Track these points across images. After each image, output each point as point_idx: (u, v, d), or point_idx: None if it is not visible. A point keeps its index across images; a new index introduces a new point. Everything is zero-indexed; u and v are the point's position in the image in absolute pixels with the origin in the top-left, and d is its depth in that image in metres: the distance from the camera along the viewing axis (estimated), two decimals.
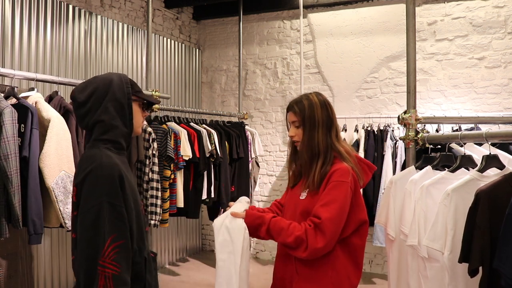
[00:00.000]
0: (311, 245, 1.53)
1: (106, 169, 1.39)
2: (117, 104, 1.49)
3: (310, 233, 1.54)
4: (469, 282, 1.61)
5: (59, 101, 2.60)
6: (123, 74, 1.57)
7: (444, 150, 2.11)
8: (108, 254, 1.32)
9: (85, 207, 1.37)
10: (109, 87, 1.49)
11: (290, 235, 1.55)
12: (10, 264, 3.07)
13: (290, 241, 1.55)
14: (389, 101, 4.73)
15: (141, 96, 1.58)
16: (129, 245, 1.39)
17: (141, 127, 1.63)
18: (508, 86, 4.25)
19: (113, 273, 1.31)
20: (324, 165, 1.65)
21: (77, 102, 1.51)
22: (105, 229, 1.33)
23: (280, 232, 1.58)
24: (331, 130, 1.70)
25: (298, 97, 1.77)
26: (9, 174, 2.14)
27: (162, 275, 4.58)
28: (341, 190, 1.58)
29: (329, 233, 1.53)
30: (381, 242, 4.07)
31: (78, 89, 1.53)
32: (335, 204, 1.56)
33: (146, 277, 1.49)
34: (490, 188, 1.52)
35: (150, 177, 3.22)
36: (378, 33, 4.75)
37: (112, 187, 1.38)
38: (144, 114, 1.63)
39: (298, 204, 1.70)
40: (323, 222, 1.53)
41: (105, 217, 1.34)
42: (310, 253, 1.54)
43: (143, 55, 4.69)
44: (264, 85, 5.40)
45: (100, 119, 1.48)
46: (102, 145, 1.48)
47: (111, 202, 1.36)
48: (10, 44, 3.30)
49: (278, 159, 5.33)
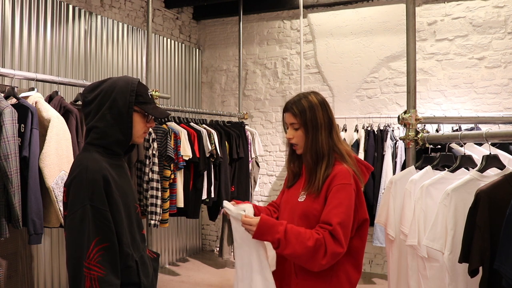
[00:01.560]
0: (330, 249, 1.48)
1: (91, 173, 1.40)
2: (117, 112, 1.48)
3: (328, 238, 1.50)
4: (469, 282, 1.61)
5: (59, 101, 2.60)
6: (135, 80, 1.54)
7: (444, 150, 2.11)
8: (93, 257, 1.33)
9: (71, 210, 1.38)
10: (112, 94, 1.48)
11: (310, 238, 1.49)
12: (10, 264, 3.07)
13: (310, 245, 1.48)
14: (389, 101, 4.73)
15: (144, 109, 1.54)
16: (115, 248, 1.39)
17: (142, 137, 1.60)
18: (508, 86, 4.25)
19: (98, 275, 1.33)
20: (327, 167, 1.62)
21: (84, 101, 1.54)
22: (89, 232, 1.34)
23: (298, 235, 1.50)
24: (332, 131, 1.68)
25: (295, 97, 1.71)
26: (9, 174, 2.13)
27: (162, 275, 4.58)
28: (346, 193, 1.56)
29: (343, 237, 1.51)
30: (381, 242, 4.07)
31: (88, 88, 1.55)
32: (342, 208, 1.54)
33: (141, 280, 1.49)
34: (490, 188, 1.52)
35: (150, 177, 3.22)
36: (378, 33, 4.75)
37: (96, 191, 1.38)
38: (148, 125, 1.59)
39: (296, 206, 1.67)
40: (335, 228, 1.50)
41: (89, 221, 1.35)
42: (329, 259, 1.49)
43: (143, 55, 4.69)
44: (264, 85, 5.40)
45: (96, 125, 1.48)
46: (94, 149, 1.49)
47: (95, 206, 1.37)
48: (10, 44, 3.30)
49: (278, 159, 5.33)
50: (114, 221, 1.41)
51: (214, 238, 5.72)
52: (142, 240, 1.59)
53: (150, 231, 3.61)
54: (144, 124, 1.57)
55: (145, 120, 1.57)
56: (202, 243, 5.76)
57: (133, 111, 1.51)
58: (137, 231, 1.56)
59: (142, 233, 1.62)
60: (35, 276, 3.42)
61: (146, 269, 1.54)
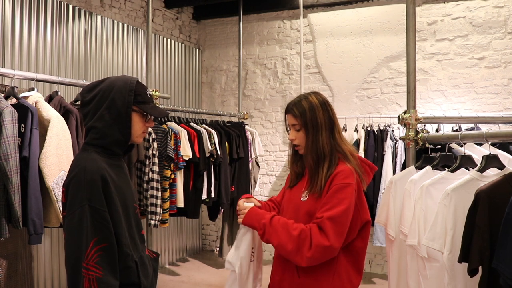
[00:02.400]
0: (315, 241, 1.48)
1: (89, 173, 1.39)
2: (115, 111, 1.47)
3: (314, 230, 1.51)
4: (468, 282, 1.61)
5: (59, 101, 2.60)
6: (133, 80, 1.53)
7: (444, 150, 2.11)
8: (92, 257, 1.33)
9: (69, 211, 1.38)
10: (110, 94, 1.47)
11: (296, 228, 1.53)
12: (10, 264, 3.07)
13: (295, 234, 1.51)
14: (389, 101, 4.73)
15: (142, 108, 1.54)
16: (113, 248, 1.39)
17: (141, 137, 1.60)
18: (508, 86, 4.25)
19: (96, 275, 1.32)
20: (329, 168, 1.62)
21: (82, 101, 1.53)
22: (88, 232, 1.34)
23: (284, 225, 1.55)
24: (333, 131, 1.67)
25: (296, 98, 1.71)
26: (9, 174, 2.13)
27: (162, 275, 4.58)
28: (346, 193, 1.55)
29: (331, 231, 1.49)
30: (381, 242, 4.07)
31: (86, 88, 1.54)
32: (340, 207, 1.52)
33: (141, 281, 1.49)
34: (490, 188, 1.52)
35: (150, 177, 3.22)
36: (378, 33, 4.75)
37: (94, 192, 1.38)
38: (148, 125, 1.59)
39: (299, 205, 1.66)
40: (323, 220, 1.50)
41: (87, 221, 1.35)
42: (315, 251, 1.48)
43: (143, 55, 4.70)
44: (264, 85, 5.40)
45: (94, 125, 1.48)
46: (92, 149, 1.48)
47: (93, 206, 1.36)
48: (10, 44, 3.30)
49: (278, 159, 5.33)
50: (113, 222, 1.41)
51: (214, 238, 5.73)
52: (141, 241, 1.59)
53: (150, 231, 3.61)
54: (143, 124, 1.57)
55: (144, 120, 1.57)
56: (202, 243, 5.76)
57: (131, 110, 1.50)
58: (136, 232, 1.56)
59: (142, 233, 1.61)
60: (35, 276, 3.43)
61: (145, 270, 1.54)
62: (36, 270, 3.45)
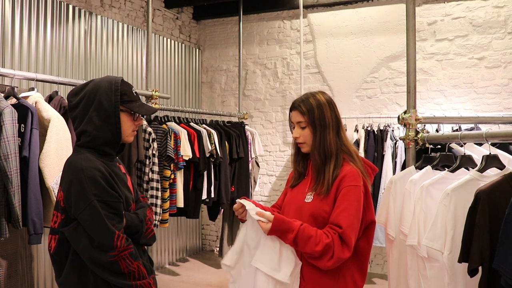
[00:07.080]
0: (337, 254, 1.50)
1: (87, 170, 1.41)
2: (103, 113, 1.48)
3: (337, 242, 1.51)
4: (468, 282, 1.61)
5: (59, 101, 2.61)
6: (117, 79, 1.53)
7: (444, 150, 2.11)
8: (121, 242, 1.40)
9: (77, 210, 1.41)
10: (96, 96, 1.48)
11: (319, 243, 1.50)
12: (10, 264, 3.07)
13: (319, 250, 1.50)
14: (389, 101, 4.73)
15: (129, 107, 1.54)
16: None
17: (132, 136, 1.61)
18: (508, 86, 4.25)
19: (129, 251, 1.42)
20: (335, 167, 1.62)
21: (69, 105, 1.54)
22: (108, 222, 1.40)
23: (308, 239, 1.51)
24: (339, 130, 1.67)
25: (303, 95, 1.71)
26: (9, 174, 2.14)
27: (162, 275, 4.58)
28: (355, 195, 1.56)
29: (351, 241, 1.52)
30: (381, 242, 4.07)
31: (73, 92, 1.55)
32: (351, 210, 1.54)
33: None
34: (490, 188, 1.52)
35: (150, 177, 3.22)
36: (378, 33, 4.75)
37: (98, 186, 1.41)
38: (136, 123, 1.59)
39: (304, 207, 1.64)
40: (344, 231, 1.51)
41: (100, 215, 1.39)
42: (335, 262, 1.50)
43: (143, 55, 4.70)
44: (264, 85, 5.40)
45: (85, 129, 1.49)
46: (85, 150, 1.49)
47: (101, 200, 1.40)
48: (10, 44, 3.30)
49: (278, 159, 5.33)
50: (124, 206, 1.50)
51: (214, 238, 5.73)
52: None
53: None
54: (132, 123, 1.58)
55: (132, 118, 1.57)
56: (202, 243, 5.76)
57: (119, 110, 1.50)
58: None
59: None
60: (35, 276, 3.42)
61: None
62: (36, 270, 3.44)
